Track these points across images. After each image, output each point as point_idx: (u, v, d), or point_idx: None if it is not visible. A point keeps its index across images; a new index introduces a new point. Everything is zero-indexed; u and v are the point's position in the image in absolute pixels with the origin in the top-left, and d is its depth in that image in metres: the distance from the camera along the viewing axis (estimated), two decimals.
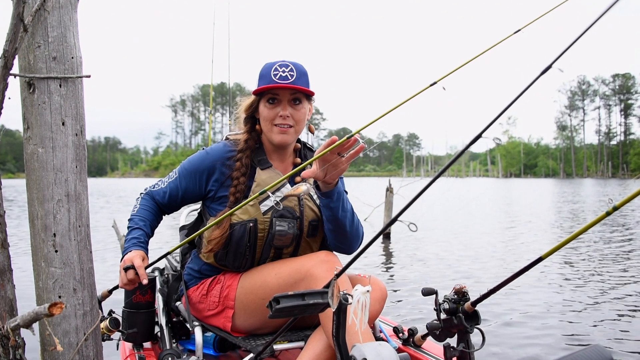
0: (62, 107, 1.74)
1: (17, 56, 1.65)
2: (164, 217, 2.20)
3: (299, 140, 2.21)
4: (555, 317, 4.65)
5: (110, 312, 2.14)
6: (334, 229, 2.00)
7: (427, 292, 1.90)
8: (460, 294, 1.76)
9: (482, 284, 5.90)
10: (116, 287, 2.07)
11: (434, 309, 1.79)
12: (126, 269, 1.88)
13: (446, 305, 1.74)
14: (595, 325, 4.39)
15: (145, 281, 1.87)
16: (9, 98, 1.66)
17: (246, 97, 2.14)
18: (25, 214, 15.93)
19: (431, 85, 1.95)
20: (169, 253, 2.03)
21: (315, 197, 2.08)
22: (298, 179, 2.09)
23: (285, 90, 1.99)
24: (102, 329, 2.01)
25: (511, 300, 5.20)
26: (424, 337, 2.20)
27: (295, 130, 2.05)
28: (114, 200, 25.10)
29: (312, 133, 2.21)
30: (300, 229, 2.03)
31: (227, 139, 2.16)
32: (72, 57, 1.76)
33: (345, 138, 1.67)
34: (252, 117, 2.11)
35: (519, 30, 1.94)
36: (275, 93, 2.00)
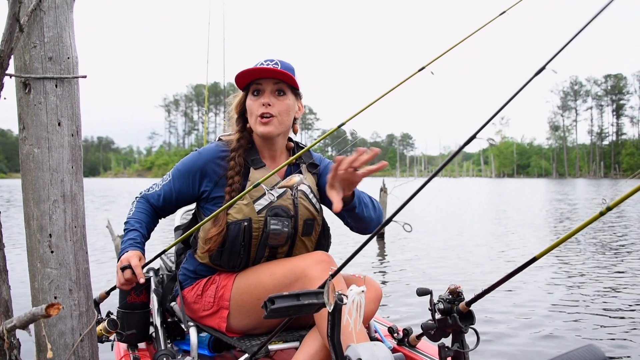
0: (58, 107, 1.74)
1: (12, 56, 1.64)
2: (160, 220, 2.20)
3: (291, 140, 2.21)
4: (550, 316, 4.68)
5: (109, 314, 2.13)
6: (358, 225, 2.03)
7: (421, 292, 1.91)
8: (455, 294, 1.77)
9: (476, 284, 5.92)
10: (114, 288, 2.06)
11: (429, 309, 1.80)
12: (123, 269, 1.88)
13: (441, 305, 1.75)
14: (589, 325, 4.42)
15: (142, 280, 1.88)
16: (5, 98, 1.66)
17: (236, 96, 2.15)
18: (15, 213, 15.86)
19: (419, 70, 1.94)
20: (164, 252, 2.03)
21: (310, 195, 2.09)
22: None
23: (269, 80, 2.00)
24: (100, 330, 2.00)
25: (506, 300, 5.22)
26: (418, 337, 2.21)
27: (278, 121, 2.03)
28: (97, 200, 24.93)
29: (295, 133, 2.21)
30: (295, 228, 2.03)
31: (220, 139, 2.16)
32: (68, 57, 1.76)
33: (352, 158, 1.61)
34: (243, 116, 2.12)
35: (504, 12, 1.95)
36: (259, 83, 2.01)
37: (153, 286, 2.34)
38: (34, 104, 1.71)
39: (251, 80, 2.03)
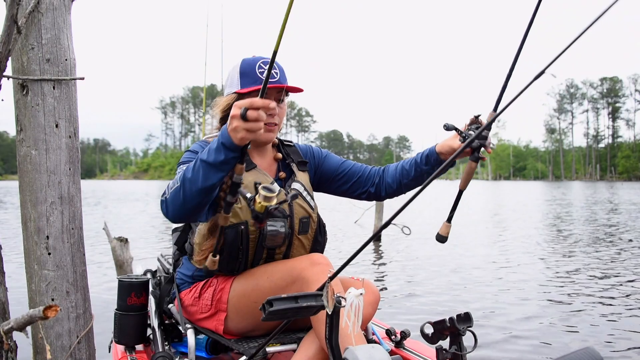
0: (56, 109, 1.74)
1: (10, 58, 1.64)
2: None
3: None
4: (548, 319, 4.68)
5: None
6: (414, 182, 2.16)
7: (449, 127, 1.89)
8: (476, 122, 1.82)
9: (474, 286, 5.93)
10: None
11: (460, 138, 1.83)
12: (244, 112, 1.53)
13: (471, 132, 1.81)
14: (587, 328, 4.42)
15: (273, 104, 1.58)
16: (2, 100, 1.66)
17: (223, 97, 2.08)
18: (11, 215, 15.83)
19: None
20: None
21: (304, 194, 2.08)
22: (282, 174, 2.10)
23: (273, 89, 1.99)
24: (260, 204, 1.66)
25: (504, 303, 5.22)
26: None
27: (279, 128, 2.06)
28: (94, 202, 24.81)
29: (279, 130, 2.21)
30: (292, 227, 2.02)
31: (202, 140, 2.10)
32: (66, 59, 1.76)
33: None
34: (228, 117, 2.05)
35: None
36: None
37: (151, 288, 2.33)
38: (32, 105, 1.71)
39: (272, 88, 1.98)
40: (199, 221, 2.00)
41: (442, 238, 1.92)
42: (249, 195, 1.68)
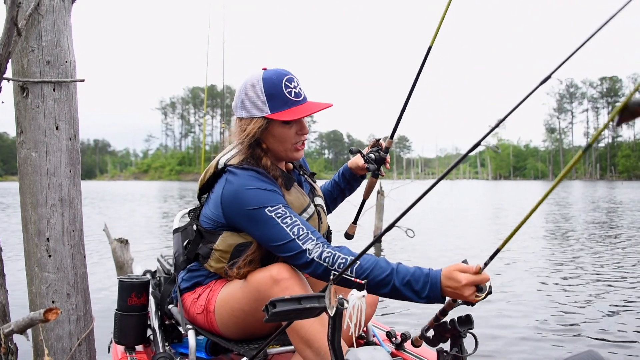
0: (56, 111, 1.74)
1: (10, 60, 1.64)
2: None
3: None
4: (550, 321, 4.68)
5: None
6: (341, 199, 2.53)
7: (354, 151, 2.36)
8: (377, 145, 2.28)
9: None
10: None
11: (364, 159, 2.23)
12: (481, 287, 1.67)
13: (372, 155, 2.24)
14: (589, 329, 4.42)
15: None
16: (2, 102, 1.66)
17: (243, 120, 1.95)
18: (10, 217, 15.83)
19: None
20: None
21: (324, 206, 2.17)
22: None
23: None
24: None
25: (504, 304, 5.22)
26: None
27: None
28: (94, 204, 24.79)
29: None
30: None
31: (244, 167, 1.92)
32: (66, 61, 1.76)
33: None
34: (257, 141, 1.96)
35: None
36: None
37: (151, 289, 2.33)
38: (32, 107, 1.71)
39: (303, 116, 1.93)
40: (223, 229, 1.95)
41: (349, 236, 2.44)
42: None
